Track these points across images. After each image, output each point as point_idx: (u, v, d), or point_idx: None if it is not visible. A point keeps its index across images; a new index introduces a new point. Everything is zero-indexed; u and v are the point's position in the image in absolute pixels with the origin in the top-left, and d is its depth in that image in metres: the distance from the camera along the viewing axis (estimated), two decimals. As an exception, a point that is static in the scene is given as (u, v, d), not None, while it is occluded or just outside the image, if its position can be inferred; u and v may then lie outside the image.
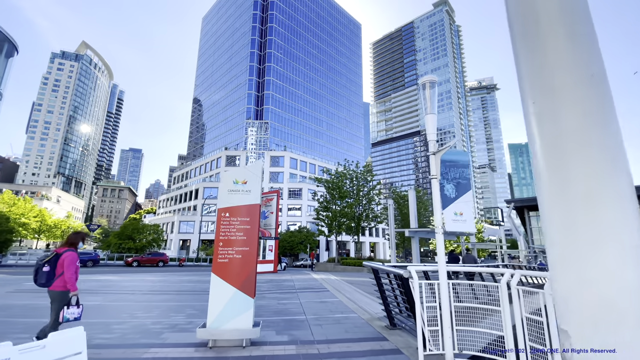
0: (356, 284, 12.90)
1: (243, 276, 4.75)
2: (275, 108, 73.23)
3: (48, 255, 4.18)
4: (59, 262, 4.12)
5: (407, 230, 18.50)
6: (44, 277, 4.04)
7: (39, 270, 4.05)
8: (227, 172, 5.24)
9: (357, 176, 27.85)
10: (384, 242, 73.79)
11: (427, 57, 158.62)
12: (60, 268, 4.10)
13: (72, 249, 4.25)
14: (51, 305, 4.07)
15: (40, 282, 4.06)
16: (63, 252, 4.16)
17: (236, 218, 4.95)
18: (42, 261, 4.09)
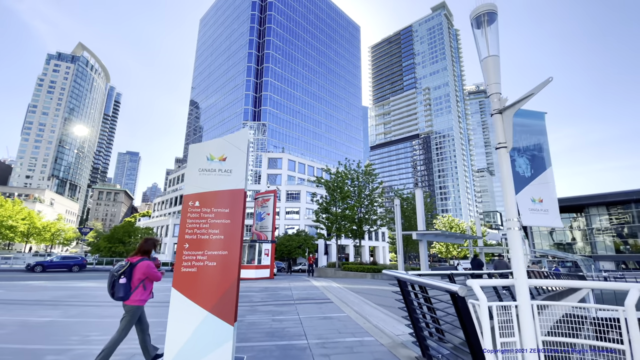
0: (362, 292, 11.38)
1: (218, 292, 3.28)
2: (273, 109, 71.92)
3: (123, 266, 3.85)
4: (134, 272, 3.85)
5: (414, 233, 17.03)
6: (122, 290, 3.76)
7: (115, 283, 3.76)
8: (198, 145, 3.75)
9: (359, 176, 26.40)
10: (383, 246, 72.21)
11: (426, 61, 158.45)
12: (137, 280, 3.85)
13: (145, 257, 4.03)
14: (122, 317, 3.81)
15: (119, 295, 3.75)
16: (137, 262, 3.91)
17: (210, 209, 3.50)
18: (118, 272, 3.78)
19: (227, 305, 3.25)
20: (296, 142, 75.67)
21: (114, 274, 3.77)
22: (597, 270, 48.92)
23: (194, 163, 3.60)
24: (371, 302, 9.03)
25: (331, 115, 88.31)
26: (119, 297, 3.77)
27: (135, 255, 4.04)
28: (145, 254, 4.09)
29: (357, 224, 25.16)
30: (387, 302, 9.24)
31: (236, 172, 3.62)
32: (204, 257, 3.36)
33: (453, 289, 2.87)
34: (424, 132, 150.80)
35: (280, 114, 73.43)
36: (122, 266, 3.84)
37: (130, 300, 3.79)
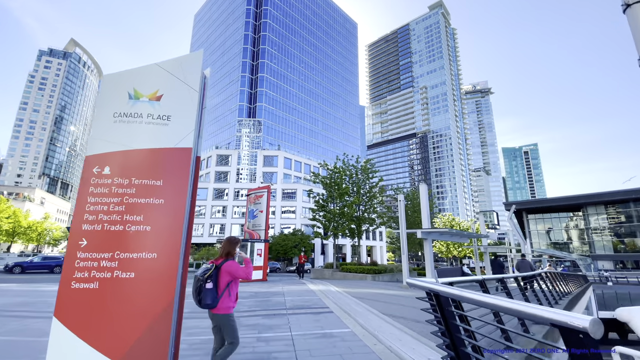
0: (365, 298, 9.98)
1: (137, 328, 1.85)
2: (269, 106, 70.34)
3: (208, 269, 3.48)
4: (220, 276, 3.48)
5: (419, 231, 15.70)
6: (209, 297, 3.38)
7: (202, 288, 3.37)
8: (116, 75, 2.25)
9: (357, 172, 25.00)
10: (381, 246, 70.98)
11: (423, 60, 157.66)
12: (223, 284, 3.47)
13: (230, 259, 3.65)
14: (222, 331, 3.49)
15: (206, 302, 3.36)
16: (221, 264, 3.53)
17: (129, 180, 2.09)
18: (204, 276, 3.40)
19: (153, 352, 1.81)
20: (292, 139, 74.18)
21: (200, 279, 3.41)
22: (597, 270, 48.25)
23: (106, 103, 2.15)
24: (377, 311, 7.63)
25: (328, 112, 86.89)
26: (207, 305, 3.40)
27: (219, 258, 3.67)
28: (229, 256, 3.72)
29: (355, 222, 23.79)
30: (396, 310, 7.85)
31: (178, 120, 2.18)
32: (113, 263, 1.91)
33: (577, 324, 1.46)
34: (421, 131, 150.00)
35: (276, 111, 71.88)
36: (207, 269, 3.50)
37: (219, 308, 3.45)
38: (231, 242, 3.79)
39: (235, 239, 3.87)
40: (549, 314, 1.59)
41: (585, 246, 53.81)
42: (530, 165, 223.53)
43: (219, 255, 3.69)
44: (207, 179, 61.10)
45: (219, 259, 3.64)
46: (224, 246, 3.75)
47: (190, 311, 7.31)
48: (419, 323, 6.48)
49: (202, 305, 3.40)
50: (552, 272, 15.10)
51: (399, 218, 14.94)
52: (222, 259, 3.65)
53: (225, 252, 3.69)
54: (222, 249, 3.73)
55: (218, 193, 60.10)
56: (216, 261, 3.62)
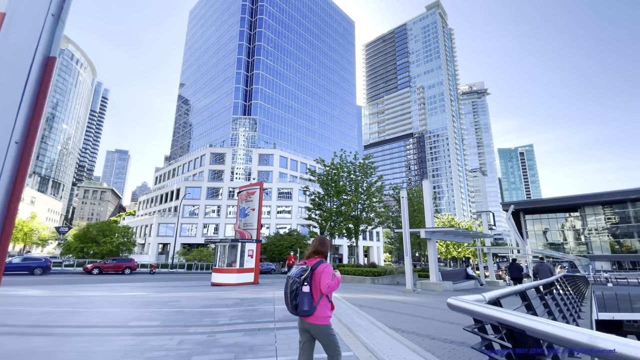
0: (367, 306, 8.80)
1: None
2: (264, 103, 69.02)
3: (304, 269, 3.03)
4: (314, 279, 3.02)
5: (423, 230, 14.59)
6: (307, 302, 2.91)
7: (298, 292, 2.92)
8: None
9: (356, 169, 23.86)
10: (378, 246, 70.00)
11: (420, 59, 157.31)
12: (317, 289, 3.00)
13: (325, 261, 3.18)
14: (321, 344, 3.00)
15: (303, 309, 2.91)
16: (316, 265, 3.08)
17: None
18: (301, 277, 2.96)
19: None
20: (288, 138, 72.93)
21: (296, 280, 2.96)
22: (595, 271, 47.70)
23: None
24: (383, 324, 6.45)
25: (325, 111, 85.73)
26: (304, 312, 2.92)
27: (310, 257, 3.24)
28: (321, 255, 3.25)
29: (353, 222, 22.64)
30: (404, 323, 6.68)
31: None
32: None
33: None
34: (418, 131, 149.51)
35: (272, 109, 70.59)
36: (303, 270, 3.05)
37: (316, 317, 2.96)
38: (323, 243, 3.31)
39: (326, 239, 3.40)
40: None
41: (583, 247, 53.36)
42: (525, 166, 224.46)
43: (309, 255, 3.27)
44: (201, 178, 59.65)
45: (312, 259, 3.19)
46: (315, 245, 3.30)
47: (155, 325, 6.08)
48: (435, 340, 5.34)
49: (297, 312, 2.97)
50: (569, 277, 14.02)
51: (402, 216, 13.83)
52: (315, 259, 3.19)
53: (316, 252, 3.25)
54: (313, 248, 3.29)
55: (212, 192, 58.69)
56: (308, 261, 3.17)
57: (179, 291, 13.03)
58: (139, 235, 63.51)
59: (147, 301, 9.83)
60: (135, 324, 6.34)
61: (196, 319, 6.74)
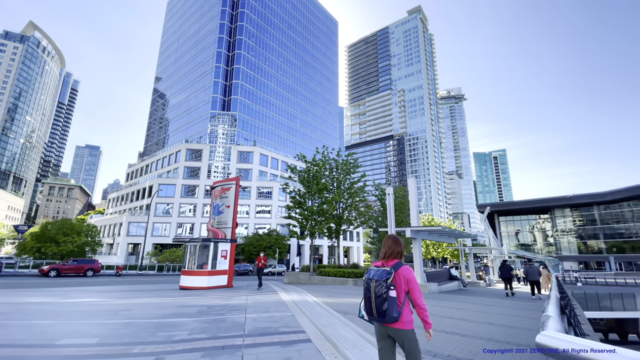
0: (352, 313, 7.84)
1: None
2: (244, 99, 67.04)
3: (389, 272, 2.72)
4: (396, 282, 2.74)
5: (408, 229, 13.88)
6: (395, 308, 2.64)
7: (387, 297, 2.63)
8: None
9: (338, 166, 22.96)
10: (358, 247, 69.68)
11: (401, 63, 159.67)
12: (402, 293, 2.73)
13: (404, 263, 2.91)
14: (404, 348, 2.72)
15: (392, 315, 2.63)
16: (397, 267, 2.79)
17: None
18: (387, 281, 2.68)
19: None
20: (269, 135, 71.27)
21: (382, 283, 2.64)
22: (564, 271, 49.60)
23: None
24: (372, 336, 5.50)
25: (307, 110, 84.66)
26: (393, 318, 2.63)
27: (388, 258, 2.90)
28: (399, 256, 2.93)
29: (335, 221, 21.72)
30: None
31: None
32: None
33: None
34: (398, 134, 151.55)
35: (253, 105, 68.71)
36: (388, 272, 2.71)
37: (402, 322, 2.67)
38: (398, 241, 3.03)
39: (399, 237, 3.28)
40: None
41: (552, 247, 55.44)
42: (499, 169, 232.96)
43: (386, 255, 2.97)
44: (176, 175, 56.93)
45: (390, 260, 2.91)
46: (390, 246, 3.00)
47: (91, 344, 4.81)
48: (437, 358, 4.44)
49: (386, 318, 2.64)
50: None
51: (388, 214, 13.02)
52: (392, 260, 2.91)
53: (395, 253, 2.95)
54: (389, 249, 2.98)
55: (188, 190, 56.14)
56: (387, 262, 2.90)
57: (140, 296, 11.57)
58: (107, 235, 59.79)
59: (96, 310, 8.40)
60: (65, 342, 5.04)
61: (147, 334, 5.52)
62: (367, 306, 2.74)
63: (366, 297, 2.75)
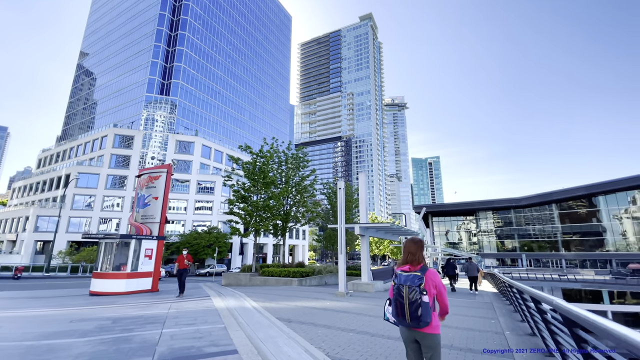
0: (298, 321, 6.77)
1: None
2: (187, 85, 61.76)
3: (420, 277, 2.71)
4: (427, 287, 2.72)
5: (357, 226, 13.31)
6: (429, 313, 2.66)
7: (421, 302, 2.63)
8: None
9: (288, 160, 21.71)
10: (303, 245, 69.12)
11: (352, 66, 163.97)
12: (431, 297, 2.74)
13: (426, 265, 2.89)
14: (427, 353, 2.71)
15: (426, 320, 2.64)
16: (424, 270, 2.78)
17: None
18: (420, 287, 2.67)
19: None
20: (214, 126, 66.80)
21: (416, 289, 2.65)
22: (486, 267, 55.33)
23: None
24: (324, 352, 4.48)
25: (256, 103, 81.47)
26: (426, 323, 2.63)
27: (413, 262, 2.84)
28: (422, 259, 2.88)
29: (282, 218, 20.46)
30: (352, 347, 4.83)
31: None
32: None
33: None
34: (346, 135, 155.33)
35: (196, 92, 63.67)
36: (419, 277, 2.70)
37: (432, 327, 2.69)
38: (419, 244, 2.93)
39: (421, 240, 3.02)
40: None
41: (475, 245, 61.56)
42: (432, 175, 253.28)
43: (410, 261, 2.86)
44: (100, 163, 49.90)
45: (415, 265, 2.83)
46: (411, 249, 2.91)
47: None
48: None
49: (420, 324, 2.63)
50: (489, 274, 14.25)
51: (338, 210, 12.25)
52: (419, 264, 2.82)
53: (419, 256, 2.86)
54: (410, 253, 2.90)
55: (116, 181, 49.62)
56: (413, 267, 2.81)
57: (28, 306, 9.04)
58: (8, 231, 50.12)
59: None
60: None
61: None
62: (399, 311, 2.70)
63: (398, 302, 2.72)
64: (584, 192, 50.02)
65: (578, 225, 51.16)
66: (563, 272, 43.83)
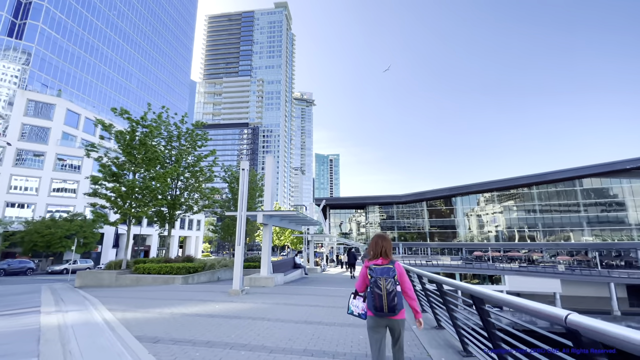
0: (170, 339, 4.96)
1: None
2: (51, 31, 47.92)
3: (392, 269, 2.99)
4: (398, 278, 3.03)
5: (261, 214, 11.83)
6: (401, 301, 2.98)
7: (396, 293, 2.92)
8: None
9: (181, 135, 18.30)
10: (197, 236, 63.10)
11: (264, 52, 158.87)
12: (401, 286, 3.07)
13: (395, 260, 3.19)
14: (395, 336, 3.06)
15: (400, 308, 2.94)
16: (393, 263, 3.09)
17: None
18: (394, 277, 2.97)
19: None
20: (88, 90, 54.01)
21: (391, 280, 2.93)
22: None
23: None
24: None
25: (149, 70, 69.77)
26: (399, 310, 2.94)
27: (382, 256, 3.12)
28: (390, 253, 3.18)
29: (168, 204, 17.15)
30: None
31: None
32: None
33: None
34: (254, 123, 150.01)
35: (64, 42, 50.11)
36: (391, 269, 2.99)
37: (401, 313, 3.00)
38: (386, 238, 3.24)
39: (388, 236, 3.29)
40: None
41: (363, 236, 68.28)
42: (332, 171, 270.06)
43: (380, 254, 3.13)
44: None
45: (385, 258, 3.10)
46: (379, 243, 3.19)
47: None
48: None
49: (395, 312, 2.90)
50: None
51: (240, 194, 10.39)
52: (389, 257, 3.12)
53: (383, 251, 3.13)
54: (378, 247, 3.17)
55: None
56: (384, 260, 3.08)
57: None
58: None
59: None
60: None
61: None
62: (377, 302, 2.88)
63: (376, 294, 2.90)
64: (446, 193, 60.93)
65: (441, 220, 61.76)
66: (429, 259, 52.37)
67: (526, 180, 54.66)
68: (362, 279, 3.14)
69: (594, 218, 50.98)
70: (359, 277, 3.19)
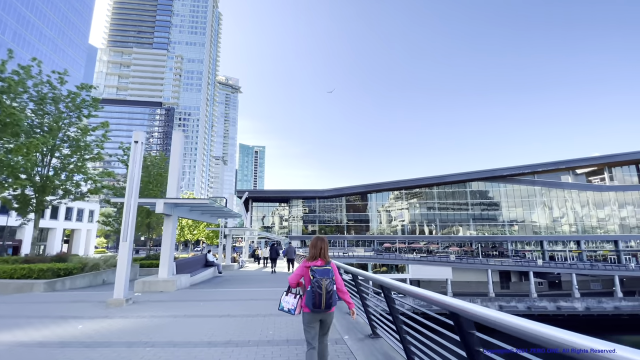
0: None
1: None
2: None
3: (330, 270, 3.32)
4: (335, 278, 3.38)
5: (162, 201, 9.74)
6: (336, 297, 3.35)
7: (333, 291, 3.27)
8: None
9: (59, 98, 14.25)
10: (89, 229, 53.32)
11: (185, 27, 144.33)
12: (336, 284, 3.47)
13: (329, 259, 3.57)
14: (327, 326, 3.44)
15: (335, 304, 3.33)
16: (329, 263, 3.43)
17: None
18: (332, 278, 3.29)
19: None
20: None
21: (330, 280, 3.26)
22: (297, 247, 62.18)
23: None
24: None
25: (31, 23, 55.56)
26: (334, 305, 3.31)
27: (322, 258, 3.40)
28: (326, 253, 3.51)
29: (35, 186, 13.24)
30: None
31: None
32: None
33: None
34: (169, 103, 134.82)
35: None
36: (330, 271, 3.30)
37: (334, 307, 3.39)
38: (326, 242, 3.54)
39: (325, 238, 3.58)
40: None
41: (285, 229, 68.24)
42: (257, 163, 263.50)
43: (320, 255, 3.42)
44: None
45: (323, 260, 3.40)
46: (318, 245, 3.47)
47: None
48: None
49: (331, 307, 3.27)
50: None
51: (129, 175, 8.17)
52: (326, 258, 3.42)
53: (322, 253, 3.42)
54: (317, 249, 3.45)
55: None
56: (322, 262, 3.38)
57: None
58: None
59: None
60: None
61: None
62: (318, 301, 3.16)
63: (317, 294, 3.17)
64: (363, 190, 65.10)
65: (357, 214, 65.63)
66: (345, 251, 55.07)
67: (429, 180, 61.85)
68: (298, 277, 3.35)
69: (477, 215, 60.65)
70: (295, 274, 3.37)
